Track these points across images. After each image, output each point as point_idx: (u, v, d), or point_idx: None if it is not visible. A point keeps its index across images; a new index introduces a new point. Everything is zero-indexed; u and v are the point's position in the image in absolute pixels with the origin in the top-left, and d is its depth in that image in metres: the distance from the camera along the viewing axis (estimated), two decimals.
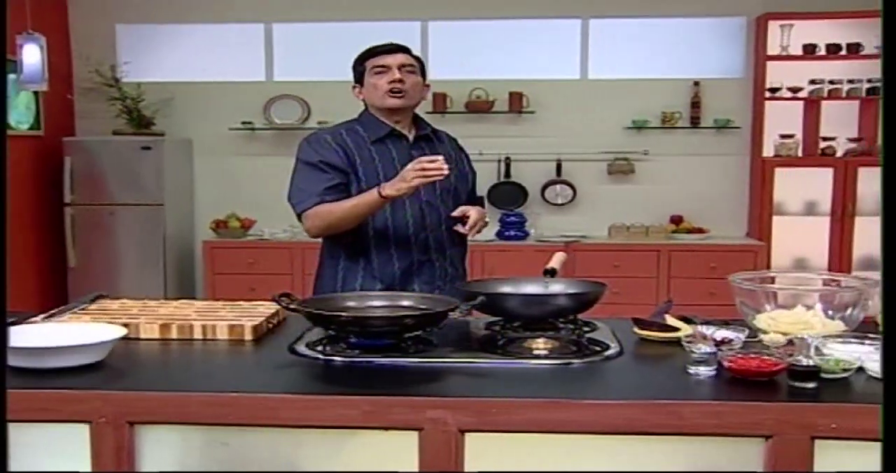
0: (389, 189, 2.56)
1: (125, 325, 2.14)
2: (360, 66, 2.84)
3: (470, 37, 6.36)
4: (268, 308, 2.43)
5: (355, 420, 1.72)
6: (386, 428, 1.73)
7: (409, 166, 2.54)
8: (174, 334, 2.22)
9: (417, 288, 2.74)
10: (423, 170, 2.50)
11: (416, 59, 2.84)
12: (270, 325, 2.36)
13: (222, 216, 6.35)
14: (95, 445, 1.74)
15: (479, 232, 2.78)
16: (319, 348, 2.07)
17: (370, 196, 2.60)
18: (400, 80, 2.74)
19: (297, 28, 6.44)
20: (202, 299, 5.01)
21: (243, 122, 6.42)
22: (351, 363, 2.00)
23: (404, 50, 2.82)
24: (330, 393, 1.80)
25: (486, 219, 2.83)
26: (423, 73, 2.85)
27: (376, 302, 2.24)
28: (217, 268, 6.19)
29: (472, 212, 2.75)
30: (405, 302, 2.24)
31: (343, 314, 2.08)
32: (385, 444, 1.75)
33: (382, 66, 2.76)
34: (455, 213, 2.76)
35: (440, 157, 2.53)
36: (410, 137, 2.83)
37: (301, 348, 2.10)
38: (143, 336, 2.22)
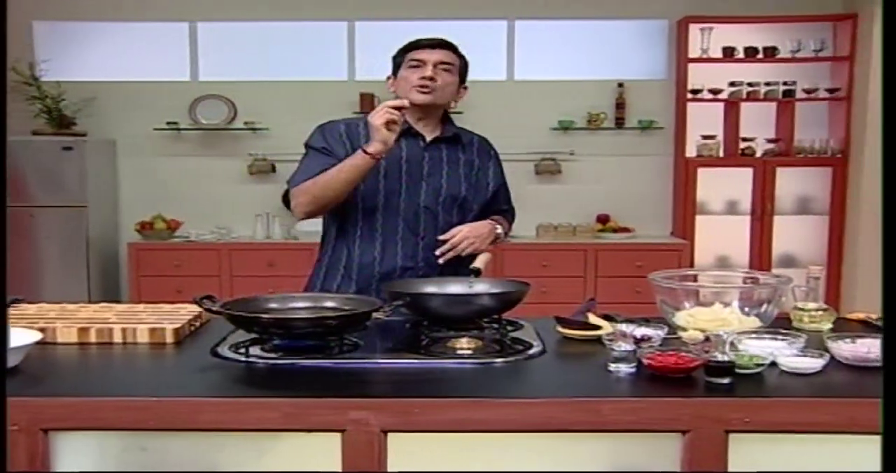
0: (371, 145, 2.50)
1: (41, 330, 2.09)
2: (399, 57, 2.74)
3: (397, 37, 6.31)
4: (190, 310, 2.39)
5: (276, 422, 1.71)
6: (308, 430, 1.73)
7: (378, 109, 2.51)
8: (93, 338, 2.18)
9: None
10: (385, 109, 2.48)
11: (460, 57, 2.74)
12: (193, 328, 2.33)
13: (148, 217, 6.26)
14: (8, 453, 1.70)
15: (464, 251, 2.65)
16: (242, 350, 2.05)
17: (356, 156, 2.53)
18: (431, 78, 2.63)
19: (223, 27, 6.37)
20: (128, 302, 4.93)
21: (168, 123, 6.32)
22: (273, 365, 1.99)
23: (447, 46, 2.71)
24: (251, 395, 1.78)
25: (484, 237, 2.69)
26: (463, 75, 2.75)
27: (299, 304, 2.23)
28: (142, 271, 6.09)
29: (462, 232, 2.66)
30: (329, 304, 2.24)
31: (265, 316, 2.07)
32: (307, 446, 1.74)
33: (418, 61, 2.66)
34: (442, 236, 2.68)
35: (406, 102, 2.53)
36: (428, 138, 2.74)
37: (223, 351, 2.08)
38: (60, 340, 2.17)
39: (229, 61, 6.42)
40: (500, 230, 2.76)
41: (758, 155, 6.21)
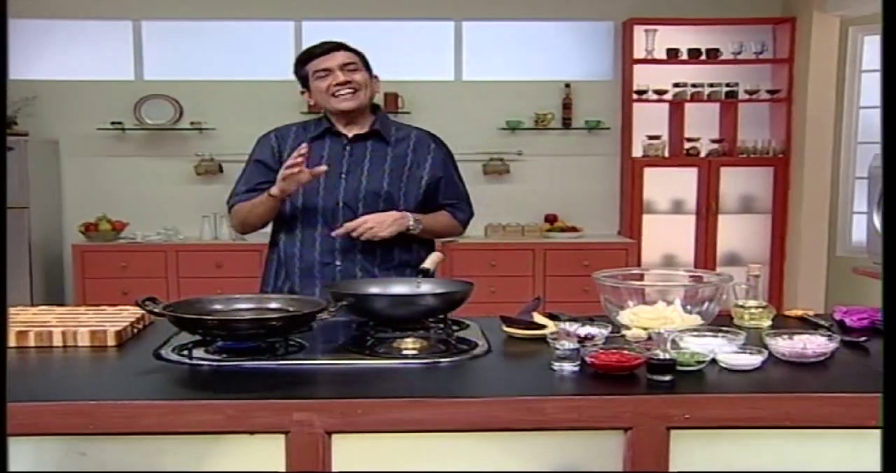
0: (274, 188, 2.64)
1: None
2: (301, 70, 2.79)
3: (344, 37, 6.30)
4: (133, 312, 2.37)
5: (219, 424, 1.70)
6: (251, 432, 1.72)
7: (358, 232, 2.63)
8: (31, 342, 2.14)
9: (318, 291, 2.69)
10: (290, 165, 2.56)
11: (356, 53, 2.79)
12: (136, 330, 2.31)
13: (92, 219, 6.16)
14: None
15: (360, 235, 2.66)
16: (185, 352, 2.03)
17: (263, 196, 2.69)
18: (345, 82, 2.71)
19: (167, 26, 6.30)
20: (72, 305, 4.86)
21: (112, 122, 6.23)
22: (217, 367, 1.97)
23: (342, 47, 2.76)
24: (194, 398, 1.77)
25: (386, 225, 2.68)
26: (368, 66, 2.80)
27: (244, 305, 2.21)
28: (88, 273, 6.00)
29: (363, 218, 2.67)
30: (273, 305, 2.22)
31: (208, 317, 2.05)
32: (251, 448, 1.73)
33: (324, 70, 2.72)
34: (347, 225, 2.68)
35: (304, 146, 2.57)
36: (350, 135, 2.80)
37: (167, 353, 2.06)
38: None
39: (174, 60, 6.35)
40: (411, 221, 2.71)
41: (702, 155, 6.30)
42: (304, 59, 2.77)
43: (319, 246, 2.77)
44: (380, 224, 2.67)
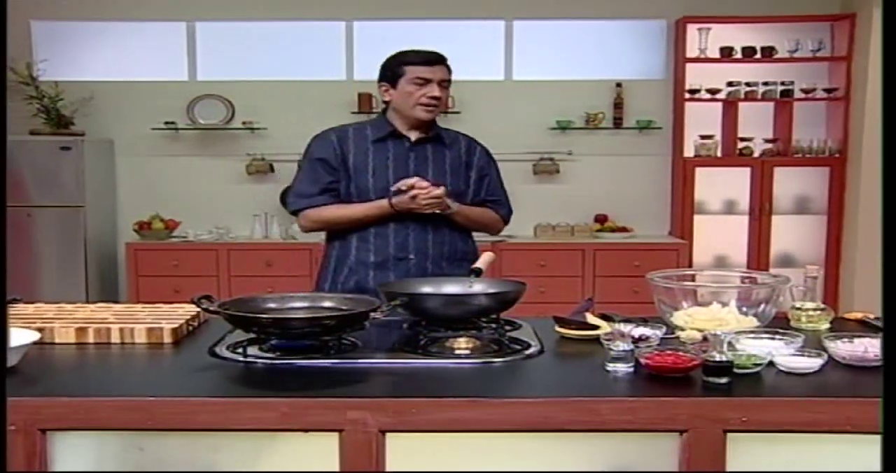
0: (402, 205, 2.77)
1: (39, 330, 2.10)
2: (397, 68, 2.86)
3: (395, 37, 6.32)
4: (188, 310, 2.39)
5: (274, 422, 1.71)
6: (305, 430, 1.73)
7: (423, 193, 2.74)
8: (90, 338, 2.18)
9: None
10: (427, 200, 2.74)
11: (450, 70, 2.91)
12: (191, 328, 2.33)
13: (145, 217, 6.25)
14: (6, 453, 1.70)
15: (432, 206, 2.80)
16: (240, 350, 2.05)
17: (382, 208, 2.80)
18: (437, 98, 2.84)
19: (221, 27, 6.36)
20: (125, 302, 4.93)
21: (166, 122, 6.31)
22: (271, 365, 1.99)
23: (444, 61, 2.88)
24: (249, 395, 1.78)
25: (443, 199, 2.82)
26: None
27: (298, 304, 2.23)
28: (141, 271, 6.08)
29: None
30: (327, 304, 2.23)
31: (263, 316, 2.07)
32: (305, 446, 1.74)
33: (424, 79, 2.82)
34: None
35: (442, 189, 2.76)
36: (412, 138, 2.90)
37: (221, 350, 2.08)
38: (57, 340, 2.17)
39: (227, 61, 6.41)
40: (453, 206, 2.86)
41: (755, 155, 6.21)
42: (408, 61, 2.85)
43: (393, 241, 2.86)
44: (436, 199, 2.80)
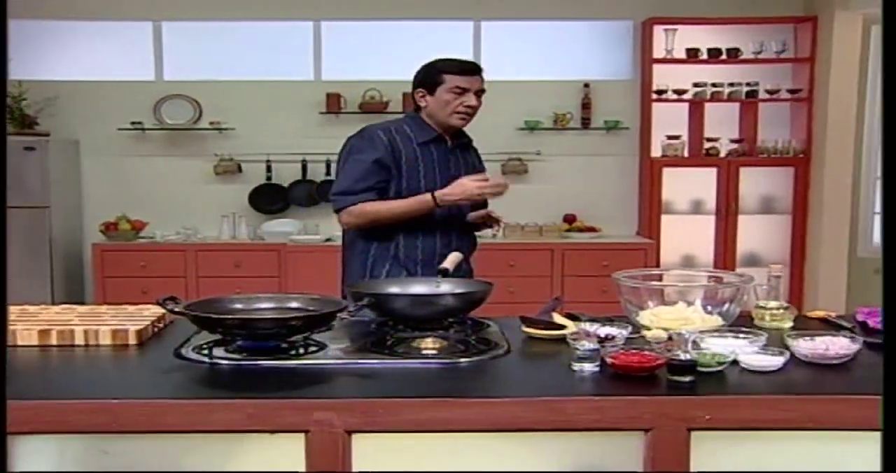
0: (449, 199, 2.82)
1: None
2: (436, 76, 2.92)
3: (363, 37, 6.35)
4: (154, 312, 2.38)
5: (240, 423, 1.71)
6: (272, 431, 1.72)
7: (472, 180, 2.84)
8: (54, 340, 2.16)
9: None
10: (489, 187, 2.85)
11: (483, 79, 2.97)
12: (156, 329, 2.32)
13: (112, 218, 6.19)
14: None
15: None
16: (206, 352, 2.04)
17: (425, 203, 2.83)
18: (474, 107, 2.92)
19: (187, 26, 6.32)
20: (92, 304, 4.88)
21: (133, 123, 6.26)
22: (237, 366, 1.98)
23: (481, 71, 2.96)
24: (215, 397, 1.78)
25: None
26: None
27: (264, 305, 2.22)
28: (107, 272, 6.03)
29: (491, 210, 3.04)
30: (293, 304, 2.23)
31: (228, 317, 2.06)
32: (272, 447, 1.74)
33: (463, 89, 2.89)
34: (475, 215, 3.01)
35: (507, 184, 2.91)
36: (450, 143, 2.99)
37: (187, 352, 2.07)
38: (20, 343, 2.15)
39: (194, 61, 6.36)
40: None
41: (722, 155, 6.26)
42: (447, 70, 2.92)
43: (440, 238, 2.92)
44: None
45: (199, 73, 6.33)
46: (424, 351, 2.08)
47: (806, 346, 2.02)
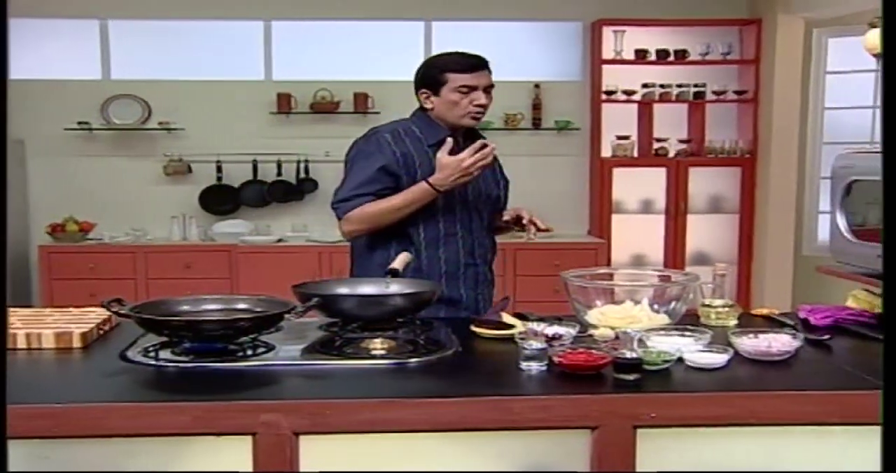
0: (444, 181, 2.59)
1: None
2: (439, 75, 2.71)
3: (314, 37, 6.33)
4: (100, 314, 2.35)
5: (186, 426, 1.69)
6: (218, 434, 1.71)
7: (463, 156, 2.57)
8: None
9: (463, 292, 2.75)
10: (481, 158, 2.58)
11: (490, 72, 2.77)
12: (102, 332, 2.29)
13: (59, 220, 6.10)
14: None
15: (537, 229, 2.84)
16: (152, 354, 2.02)
17: (423, 191, 2.62)
18: (484, 106, 2.72)
19: (135, 25, 6.24)
20: (39, 307, 4.80)
21: (79, 123, 6.18)
22: (184, 368, 1.97)
23: (487, 64, 2.75)
24: (161, 400, 1.76)
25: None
26: None
27: (211, 306, 2.20)
28: (55, 274, 5.94)
29: (523, 211, 2.85)
30: (241, 305, 2.22)
31: (174, 319, 2.04)
32: (219, 450, 1.73)
33: (469, 88, 2.69)
34: (506, 218, 2.88)
35: (493, 145, 2.64)
36: (462, 142, 2.74)
37: (133, 354, 2.05)
38: None
39: (142, 60, 6.29)
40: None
41: (671, 155, 6.34)
42: (450, 68, 2.70)
43: (462, 248, 2.77)
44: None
45: (147, 73, 6.27)
46: (373, 352, 2.08)
47: (749, 344, 2.06)
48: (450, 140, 2.63)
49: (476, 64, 2.72)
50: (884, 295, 1.51)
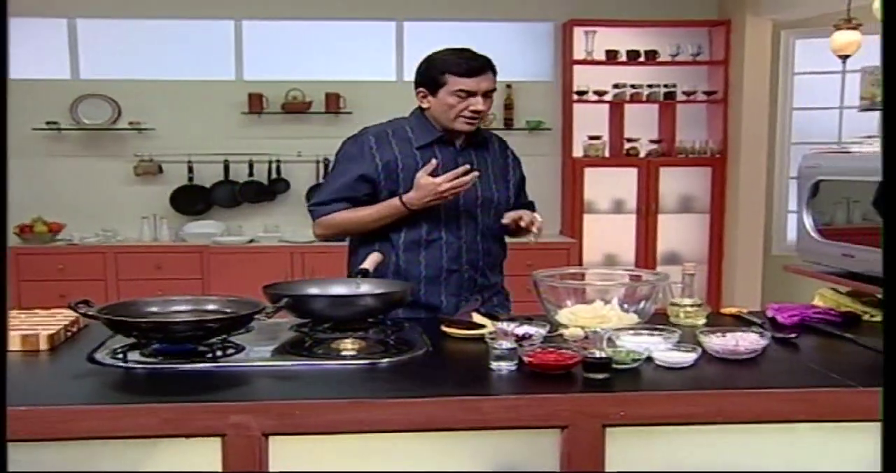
0: (417, 202, 2.56)
1: None
2: (438, 76, 2.62)
3: (285, 37, 6.31)
4: (67, 316, 2.33)
5: (155, 428, 1.68)
6: (187, 436, 1.70)
7: (441, 180, 2.53)
8: None
9: (444, 298, 2.70)
10: (459, 185, 2.53)
11: (495, 72, 2.67)
12: (70, 334, 2.27)
13: (28, 220, 6.03)
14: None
15: (539, 231, 2.72)
16: (120, 355, 2.01)
17: (394, 208, 2.60)
18: (481, 111, 2.63)
19: (104, 24, 6.19)
20: (8, 309, 4.75)
21: (48, 122, 6.11)
22: (153, 370, 1.96)
23: (489, 67, 2.63)
24: (129, 402, 1.75)
25: (540, 220, 2.75)
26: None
27: (180, 307, 2.19)
28: (23, 275, 5.87)
29: (525, 214, 2.71)
30: (211, 306, 2.20)
31: (143, 320, 2.03)
32: (188, 452, 1.72)
33: (467, 92, 2.59)
34: (505, 221, 2.73)
35: (476, 173, 2.56)
36: (458, 143, 2.72)
37: (101, 357, 2.03)
38: None
39: (112, 59, 6.23)
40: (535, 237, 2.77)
41: (642, 155, 6.38)
42: (451, 70, 2.60)
43: (446, 253, 2.69)
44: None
45: (117, 72, 6.21)
46: (343, 352, 2.07)
47: (717, 342, 2.07)
48: (433, 161, 2.58)
49: (477, 67, 2.61)
50: (884, 294, 1.52)
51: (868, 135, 2.84)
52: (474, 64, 2.60)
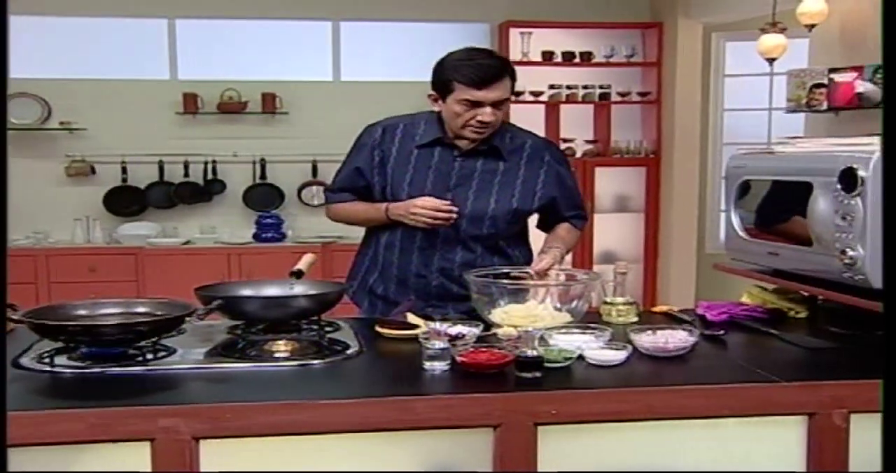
0: (393, 213, 2.59)
1: None
2: (447, 81, 2.50)
3: (220, 36, 6.24)
4: None
5: (81, 434, 1.65)
6: (115, 441, 1.68)
7: (418, 203, 2.53)
8: None
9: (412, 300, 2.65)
10: (434, 217, 2.51)
11: (512, 79, 2.54)
12: None
13: None
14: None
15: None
16: (47, 360, 1.97)
17: (379, 212, 2.64)
18: (488, 123, 2.51)
19: (33, 21, 6.04)
20: None
21: None
22: (81, 374, 1.92)
23: (502, 77, 2.49)
24: (55, 407, 1.72)
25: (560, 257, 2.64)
26: (512, 90, 2.58)
27: (110, 310, 2.16)
28: None
29: (544, 261, 2.56)
30: (141, 309, 2.18)
31: (70, 324, 1.99)
32: (116, 457, 1.69)
33: (473, 102, 2.48)
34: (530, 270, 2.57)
35: (455, 210, 2.52)
36: (463, 148, 2.62)
37: (27, 361, 1.99)
38: None
39: (41, 58, 6.10)
40: (558, 253, 2.65)
41: (578, 155, 6.44)
42: (460, 78, 2.48)
43: (417, 259, 2.65)
44: (556, 260, 2.61)
45: (46, 71, 6.09)
46: (276, 354, 2.07)
47: (647, 340, 2.11)
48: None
49: (488, 78, 2.46)
50: (884, 294, 1.55)
51: (793, 135, 2.91)
52: (485, 74, 2.46)
